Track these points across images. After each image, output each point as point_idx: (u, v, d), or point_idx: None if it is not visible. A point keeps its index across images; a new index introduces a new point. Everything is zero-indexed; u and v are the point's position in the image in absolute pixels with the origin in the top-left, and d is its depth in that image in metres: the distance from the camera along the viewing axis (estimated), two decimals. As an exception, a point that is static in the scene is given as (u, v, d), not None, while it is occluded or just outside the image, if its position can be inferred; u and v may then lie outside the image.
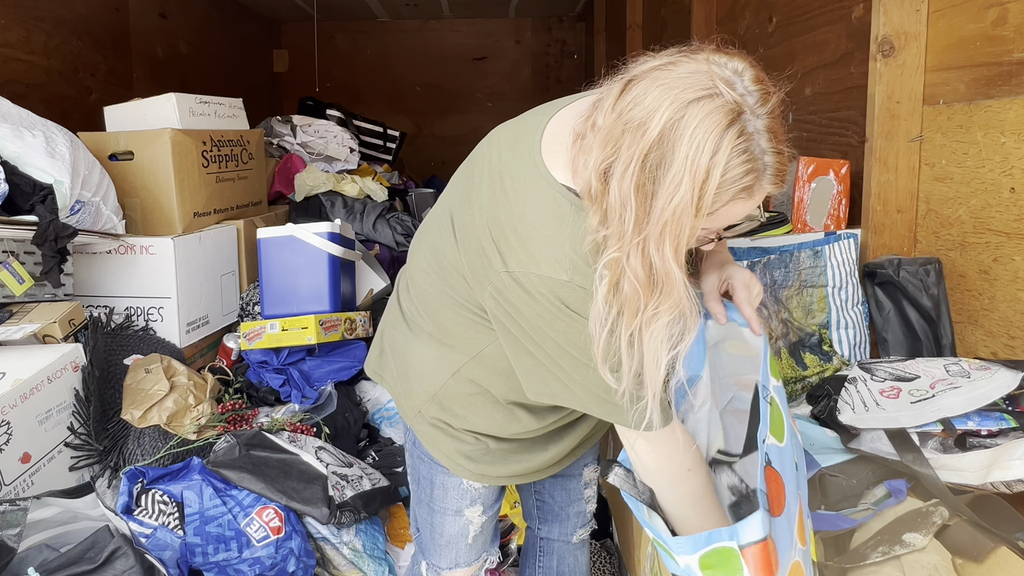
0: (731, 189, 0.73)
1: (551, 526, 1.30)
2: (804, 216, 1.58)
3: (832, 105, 1.79)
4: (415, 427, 1.12)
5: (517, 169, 0.88)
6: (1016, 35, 1.20)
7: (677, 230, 0.73)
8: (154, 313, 1.88)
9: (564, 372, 0.89)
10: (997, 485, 1.06)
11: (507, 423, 1.03)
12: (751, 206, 0.78)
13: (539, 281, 0.84)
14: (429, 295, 1.03)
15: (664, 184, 0.72)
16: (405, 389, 1.11)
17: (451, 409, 1.06)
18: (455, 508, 1.13)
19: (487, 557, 1.19)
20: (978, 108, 1.29)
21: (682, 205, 0.72)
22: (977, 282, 1.29)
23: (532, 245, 0.85)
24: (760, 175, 0.74)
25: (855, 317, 1.42)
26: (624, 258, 0.76)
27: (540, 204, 0.85)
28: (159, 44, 3.49)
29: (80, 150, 1.75)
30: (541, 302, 0.85)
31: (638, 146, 0.73)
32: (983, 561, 0.98)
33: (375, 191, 2.63)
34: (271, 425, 1.67)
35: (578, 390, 0.89)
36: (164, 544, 1.31)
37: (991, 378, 1.11)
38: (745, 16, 2.39)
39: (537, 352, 0.90)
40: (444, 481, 1.12)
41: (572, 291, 0.83)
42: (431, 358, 1.06)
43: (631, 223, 0.74)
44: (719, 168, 0.71)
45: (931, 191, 1.43)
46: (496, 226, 0.88)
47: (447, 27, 5.04)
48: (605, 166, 0.76)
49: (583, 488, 1.27)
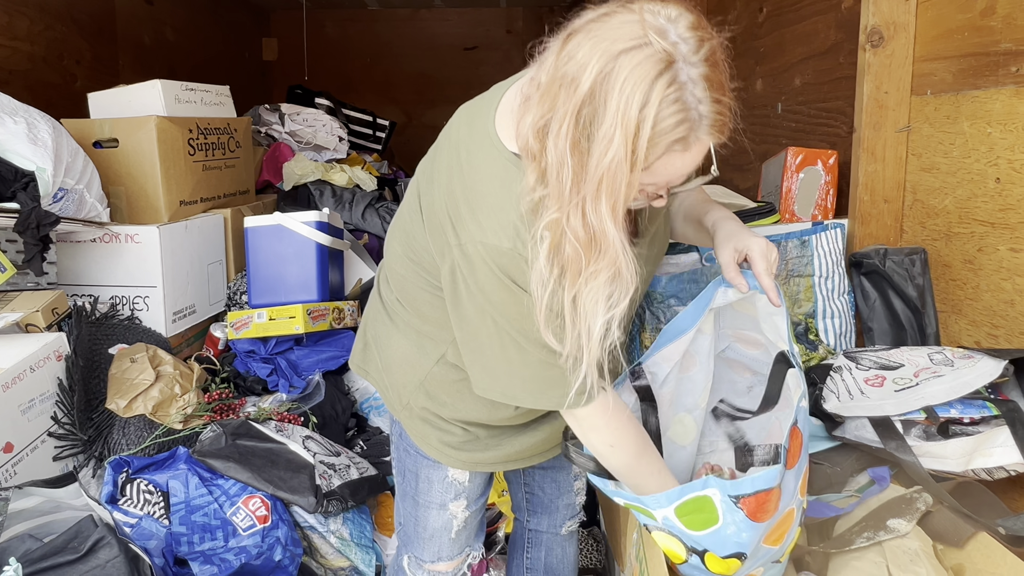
0: (664, 141, 0.72)
1: (540, 518, 1.30)
2: (792, 206, 1.58)
3: (821, 95, 1.79)
4: (403, 420, 1.11)
5: (472, 142, 0.88)
6: (1004, 25, 1.20)
7: (613, 187, 0.72)
8: (140, 302, 1.86)
9: (503, 354, 0.89)
10: (978, 472, 1.07)
11: (495, 407, 1.03)
12: (690, 159, 0.76)
13: (483, 250, 0.83)
14: (406, 280, 1.03)
15: (597, 140, 0.71)
16: (391, 382, 1.11)
17: (439, 398, 1.05)
18: (439, 502, 1.12)
19: (470, 552, 1.18)
20: (965, 98, 1.29)
21: (616, 161, 0.71)
22: (962, 272, 1.30)
23: (481, 215, 0.84)
24: (695, 125, 0.73)
25: (841, 306, 1.42)
26: (564, 219, 0.75)
27: (490, 173, 0.85)
28: (145, 31, 3.44)
29: (63, 137, 1.72)
30: (483, 272, 0.84)
31: (571, 102, 0.72)
32: (963, 546, 0.99)
33: (364, 180, 2.62)
34: (258, 414, 1.66)
35: (516, 374, 0.89)
36: (149, 533, 1.31)
37: (974, 367, 1.12)
38: (736, 6, 2.38)
39: (480, 333, 0.90)
40: (429, 474, 1.12)
41: (513, 260, 0.82)
42: (414, 347, 1.05)
43: (568, 182, 0.73)
44: (649, 120, 0.70)
45: (918, 181, 1.44)
46: (452, 201, 0.88)
47: (438, 16, 5.00)
48: (541, 124, 0.75)
49: (573, 480, 1.27)
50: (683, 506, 0.89)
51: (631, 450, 0.94)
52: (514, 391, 0.93)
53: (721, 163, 2.66)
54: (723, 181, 2.41)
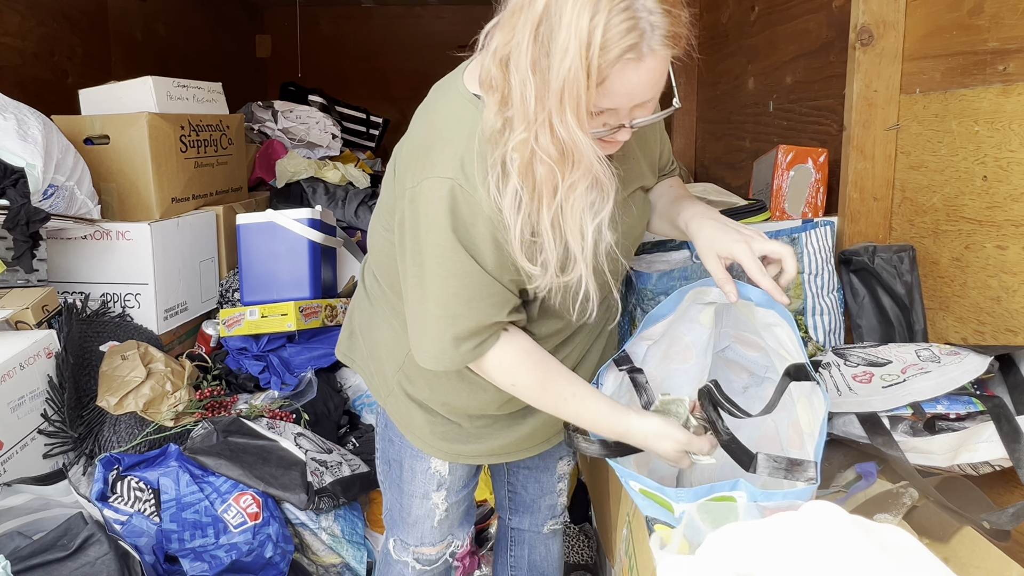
0: (615, 48, 0.74)
1: (522, 517, 1.31)
2: (782, 204, 1.59)
3: (812, 94, 1.80)
4: (388, 407, 1.12)
5: (439, 94, 0.94)
6: (991, 24, 1.21)
7: (575, 97, 0.74)
8: (131, 299, 1.86)
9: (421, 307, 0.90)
10: (964, 467, 1.08)
11: (473, 394, 1.04)
12: (645, 73, 0.77)
13: (427, 185, 0.86)
14: (383, 254, 1.04)
15: (555, 54, 0.74)
16: (375, 368, 1.12)
17: (417, 383, 1.07)
18: (422, 492, 1.15)
19: (452, 540, 1.21)
20: (953, 97, 1.30)
21: (573, 70, 0.73)
22: (949, 269, 1.31)
23: (433, 152, 0.87)
24: (645, 34, 0.75)
25: (830, 303, 1.43)
26: (532, 138, 0.77)
27: (448, 112, 0.89)
28: (138, 27, 3.43)
29: (54, 133, 1.72)
30: (423, 209, 0.86)
31: (529, 23, 0.75)
32: (948, 541, 1.00)
33: (357, 178, 2.61)
34: (249, 412, 1.66)
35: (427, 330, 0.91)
36: (140, 531, 1.31)
37: (960, 363, 1.13)
38: (728, 5, 2.39)
39: (409, 283, 0.92)
40: (412, 465, 1.14)
41: (457, 192, 0.84)
42: (392, 330, 1.07)
43: (532, 100, 0.76)
44: (600, 28, 0.73)
45: (906, 179, 1.44)
46: (412, 150, 0.91)
47: (432, 14, 4.99)
48: (504, 52, 0.78)
49: (556, 482, 1.28)
50: (705, 505, 0.87)
51: (533, 386, 0.95)
52: (428, 348, 0.94)
53: (713, 161, 2.66)
54: (715, 179, 2.43)
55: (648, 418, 0.94)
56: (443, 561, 1.21)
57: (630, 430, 0.94)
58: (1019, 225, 1.14)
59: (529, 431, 1.10)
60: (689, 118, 2.75)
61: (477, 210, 0.85)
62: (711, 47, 2.59)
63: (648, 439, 0.93)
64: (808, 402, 0.99)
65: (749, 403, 1.13)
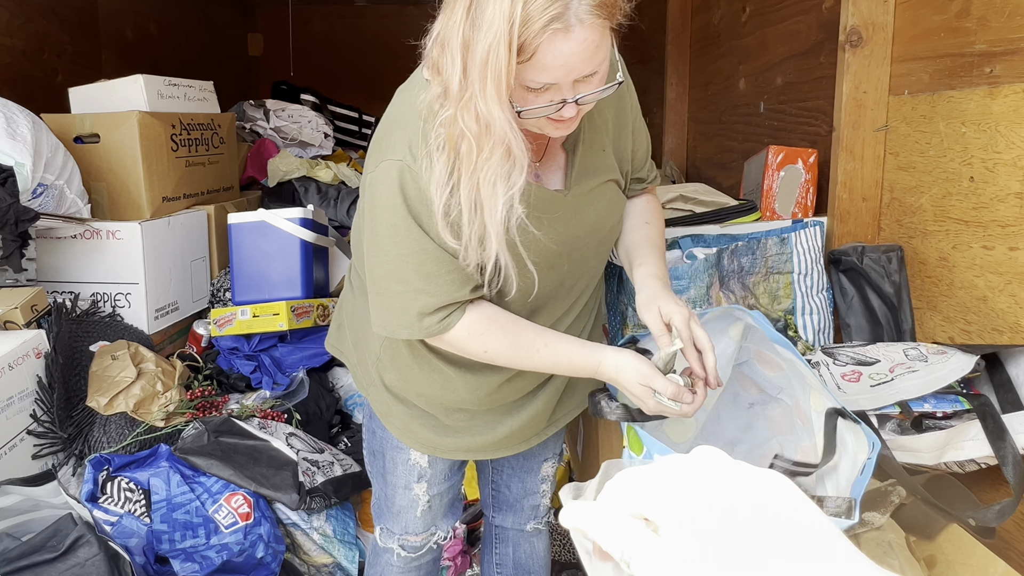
0: (540, 20, 0.75)
1: (505, 515, 1.32)
2: (773, 204, 1.60)
3: (802, 95, 1.81)
4: (369, 397, 1.14)
5: (402, 86, 0.96)
6: (978, 27, 1.22)
7: (496, 71, 0.76)
8: (121, 299, 1.85)
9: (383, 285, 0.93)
10: (951, 465, 1.09)
11: (445, 386, 1.05)
12: (576, 44, 0.77)
13: (384, 169, 0.89)
14: (358, 244, 1.07)
15: (480, 28, 0.76)
16: (359, 358, 1.14)
17: (391, 372, 1.08)
18: (404, 483, 1.17)
19: (436, 531, 1.23)
20: (941, 98, 1.31)
21: (495, 44, 0.75)
22: (937, 269, 1.32)
23: (389, 136, 0.90)
24: (571, 4, 0.76)
25: (820, 303, 1.44)
26: (459, 117, 0.79)
27: (403, 98, 0.93)
28: (128, 25, 3.41)
29: (43, 132, 1.71)
30: (379, 191, 0.90)
31: (463, 2, 0.77)
32: (935, 538, 1.01)
33: (350, 177, 2.61)
34: (241, 412, 1.65)
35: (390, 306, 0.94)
36: (130, 531, 1.30)
37: (947, 362, 1.14)
38: (719, 5, 2.40)
39: (370, 261, 0.94)
40: (394, 456, 1.16)
41: (404, 172, 0.87)
42: (370, 320, 1.07)
43: (459, 77, 0.78)
44: (521, 1, 0.74)
45: (895, 180, 1.46)
46: (374, 140, 0.95)
47: (425, 13, 4.99)
48: (443, 34, 0.80)
49: (539, 483, 1.29)
50: None
51: (504, 347, 0.96)
52: (390, 322, 0.96)
53: (705, 161, 2.67)
54: (707, 179, 2.44)
55: (621, 353, 0.94)
56: (428, 549, 1.23)
57: (603, 363, 0.94)
58: (1005, 225, 1.15)
59: (507, 432, 1.11)
60: (681, 118, 2.76)
61: (425, 189, 0.87)
62: (703, 47, 2.60)
63: (617, 371, 0.93)
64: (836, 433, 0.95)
65: (753, 420, 1.13)
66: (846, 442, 0.91)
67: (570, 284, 1.04)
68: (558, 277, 1.01)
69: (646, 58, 3.00)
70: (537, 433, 1.15)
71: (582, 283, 1.07)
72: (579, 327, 1.10)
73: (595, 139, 1.00)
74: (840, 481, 0.88)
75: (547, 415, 1.14)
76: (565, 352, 0.96)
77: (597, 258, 1.08)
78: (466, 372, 1.05)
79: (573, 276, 1.03)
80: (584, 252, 1.03)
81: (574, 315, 1.08)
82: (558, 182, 0.99)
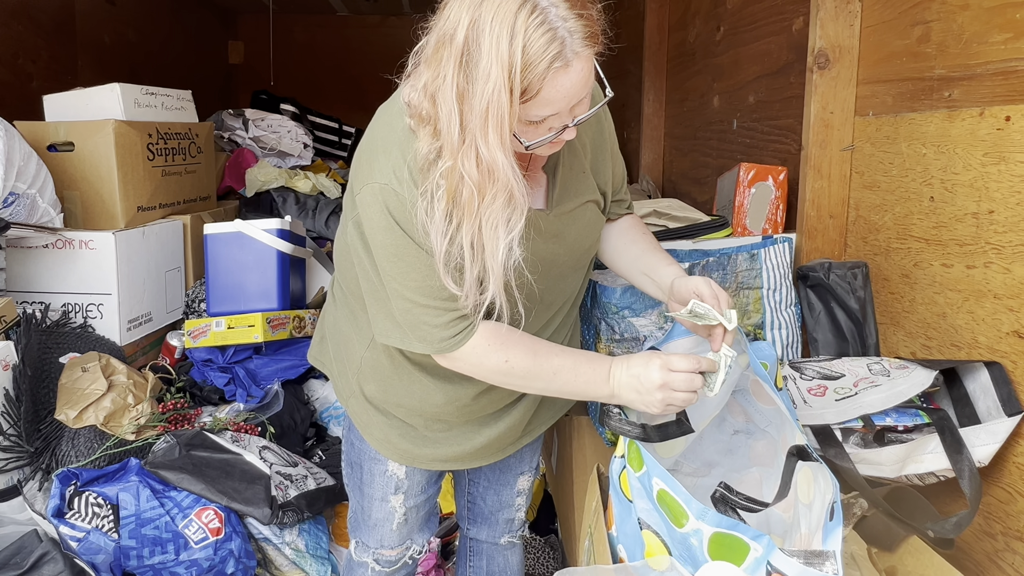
0: (542, 63, 0.79)
1: (479, 528, 1.33)
2: (744, 220, 1.63)
3: (773, 113, 1.85)
4: (349, 408, 1.15)
5: (381, 109, 0.99)
6: (937, 52, 1.27)
7: (497, 117, 0.79)
8: (93, 310, 1.82)
9: (385, 303, 0.96)
10: (911, 478, 1.12)
11: (424, 397, 1.07)
12: (576, 76, 0.82)
13: (370, 190, 0.92)
14: (340, 256, 1.09)
15: (478, 80, 0.78)
16: (340, 369, 1.16)
17: (372, 384, 1.10)
18: (381, 495, 1.17)
19: (411, 545, 1.23)
20: (903, 120, 1.35)
21: (496, 92, 0.78)
22: (899, 286, 1.36)
23: (373, 159, 0.93)
24: (566, 41, 0.79)
25: (788, 318, 1.47)
26: (459, 164, 0.81)
27: (384, 122, 0.95)
28: (106, 31, 3.37)
29: (15, 140, 1.69)
30: (372, 211, 0.92)
31: (453, 56, 0.80)
32: (895, 550, 1.04)
33: (328, 188, 2.61)
34: (214, 425, 1.64)
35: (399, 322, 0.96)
36: (97, 548, 1.28)
37: (908, 376, 1.17)
38: (695, 24, 2.45)
39: (371, 277, 0.97)
40: (372, 468, 1.16)
41: (390, 195, 0.90)
42: (352, 330, 1.10)
43: (457, 129, 0.80)
44: (519, 49, 0.77)
45: (860, 198, 1.50)
46: (357, 159, 0.97)
47: (407, 24, 5.01)
48: (432, 87, 0.82)
49: (515, 496, 1.30)
50: (721, 536, 0.85)
51: (523, 354, 0.97)
52: (402, 336, 0.98)
53: (680, 176, 2.70)
54: (682, 194, 2.48)
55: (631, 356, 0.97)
56: (402, 564, 1.24)
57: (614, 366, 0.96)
58: (963, 244, 1.19)
59: (485, 442, 1.12)
60: (657, 133, 2.81)
61: (412, 212, 0.89)
62: (679, 65, 2.65)
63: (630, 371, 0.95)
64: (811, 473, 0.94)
65: (735, 446, 1.14)
66: (817, 481, 0.91)
67: (549, 300, 1.06)
68: (537, 293, 1.02)
69: (623, 73, 3.05)
70: (513, 442, 1.17)
71: (560, 299, 1.10)
72: (558, 341, 1.12)
73: (574, 162, 1.04)
74: (812, 520, 0.89)
75: (523, 425, 1.16)
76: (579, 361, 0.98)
77: (575, 275, 1.11)
78: (444, 382, 1.06)
79: (552, 292, 1.06)
80: (562, 269, 1.05)
81: (551, 329, 1.10)
82: (540, 202, 1.02)
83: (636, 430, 0.97)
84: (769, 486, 1.07)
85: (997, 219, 1.12)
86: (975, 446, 1.06)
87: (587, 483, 1.18)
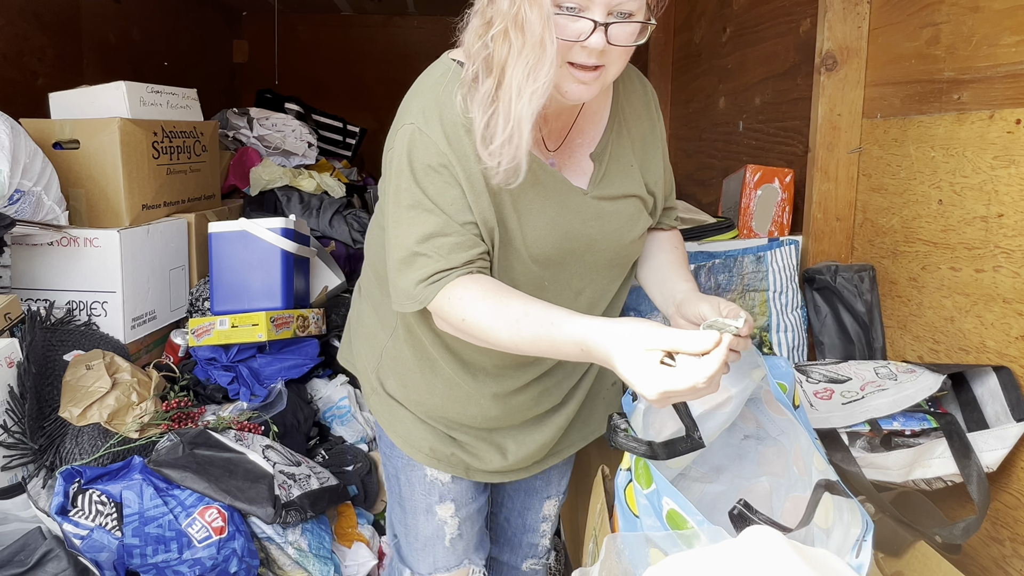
0: None
1: (501, 548, 1.29)
2: (750, 222, 1.62)
3: (780, 115, 1.85)
4: (372, 406, 1.13)
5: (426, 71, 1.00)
6: (947, 54, 1.26)
7: None
8: (97, 307, 1.82)
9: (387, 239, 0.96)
10: (918, 483, 1.11)
11: (446, 391, 1.04)
12: None
13: (397, 135, 0.93)
14: (371, 243, 1.09)
15: None
16: (364, 365, 1.14)
17: (391, 379, 1.08)
18: (425, 506, 1.08)
19: (471, 567, 1.09)
20: (911, 123, 1.35)
21: None
22: (907, 289, 1.35)
23: (407, 104, 0.95)
24: None
25: (794, 321, 1.47)
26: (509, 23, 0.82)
27: (425, 71, 0.98)
28: (111, 29, 3.38)
29: (21, 137, 1.69)
30: (392, 156, 0.94)
31: None
32: (902, 555, 1.03)
33: (333, 187, 2.61)
34: (217, 423, 1.64)
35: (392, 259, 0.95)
36: (100, 546, 1.28)
37: (915, 380, 1.17)
38: (701, 25, 2.44)
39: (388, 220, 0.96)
40: (409, 476, 1.09)
41: (415, 136, 0.91)
42: (375, 319, 1.09)
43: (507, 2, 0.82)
44: None
45: (867, 201, 1.49)
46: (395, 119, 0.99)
47: (411, 24, 5.01)
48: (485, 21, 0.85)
49: (540, 521, 1.26)
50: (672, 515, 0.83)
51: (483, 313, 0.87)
52: (398, 295, 0.94)
53: (686, 178, 2.71)
54: (687, 195, 2.47)
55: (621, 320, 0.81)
56: None
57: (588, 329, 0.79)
58: (971, 248, 1.19)
59: (511, 459, 1.07)
60: (663, 134, 2.80)
61: (433, 150, 0.90)
62: (685, 65, 2.64)
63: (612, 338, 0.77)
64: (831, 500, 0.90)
65: (745, 452, 1.13)
66: (842, 510, 0.87)
67: (578, 288, 1.02)
68: (567, 276, 1.00)
69: (629, 74, 3.04)
70: (538, 462, 1.13)
71: (592, 294, 1.04)
72: None
73: (622, 154, 1.02)
74: (830, 548, 0.86)
75: (551, 444, 1.11)
76: (548, 319, 0.82)
77: (611, 272, 1.04)
78: (469, 377, 1.01)
79: (582, 280, 1.02)
80: (597, 259, 1.01)
81: None
82: (583, 182, 1.00)
83: (643, 447, 0.91)
84: (779, 498, 1.06)
85: (1007, 223, 1.11)
86: (983, 451, 1.06)
87: (591, 484, 1.18)
